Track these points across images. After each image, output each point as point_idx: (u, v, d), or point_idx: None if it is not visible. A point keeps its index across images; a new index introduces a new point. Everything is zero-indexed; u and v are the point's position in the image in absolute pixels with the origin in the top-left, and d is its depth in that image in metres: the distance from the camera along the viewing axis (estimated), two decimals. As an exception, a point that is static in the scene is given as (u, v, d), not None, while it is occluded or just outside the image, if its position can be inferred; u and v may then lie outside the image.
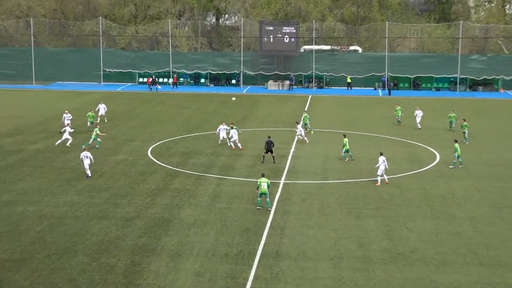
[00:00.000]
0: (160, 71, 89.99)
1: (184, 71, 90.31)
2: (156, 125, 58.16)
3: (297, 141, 50.95)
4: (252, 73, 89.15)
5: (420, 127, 57.27)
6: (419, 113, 57.76)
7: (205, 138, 52.23)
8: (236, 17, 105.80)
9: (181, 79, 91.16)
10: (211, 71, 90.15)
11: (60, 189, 36.97)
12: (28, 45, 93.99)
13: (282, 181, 39.17)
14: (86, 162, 39.23)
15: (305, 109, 66.58)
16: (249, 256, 27.03)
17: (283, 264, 26.27)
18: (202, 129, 56.08)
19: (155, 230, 30.20)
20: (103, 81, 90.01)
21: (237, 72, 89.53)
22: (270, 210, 33.16)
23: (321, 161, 44.37)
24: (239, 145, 47.73)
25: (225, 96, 79.70)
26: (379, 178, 38.47)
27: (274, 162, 43.43)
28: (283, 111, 68.09)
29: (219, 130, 49.61)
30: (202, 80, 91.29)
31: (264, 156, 43.75)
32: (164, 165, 43.20)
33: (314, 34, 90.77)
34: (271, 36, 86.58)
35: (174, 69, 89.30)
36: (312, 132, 54.47)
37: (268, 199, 33.63)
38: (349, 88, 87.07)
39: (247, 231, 30.18)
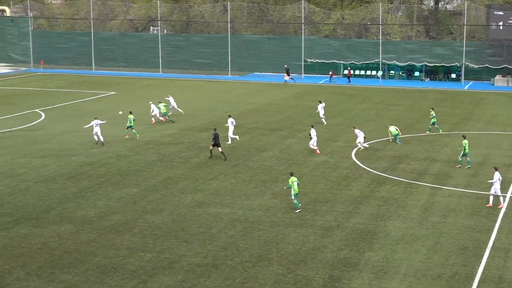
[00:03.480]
0: (368, 62, 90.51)
1: (396, 62, 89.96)
2: (361, 124, 58.45)
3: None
4: (476, 67, 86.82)
5: None
6: None
7: (417, 141, 51.79)
8: (458, 0, 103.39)
9: (392, 72, 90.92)
10: (427, 64, 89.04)
11: (255, 191, 38.61)
12: (224, 32, 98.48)
13: (509, 194, 37.93)
14: (96, 130, 47.77)
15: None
16: (466, 280, 26.61)
17: (507, 292, 25.62)
18: (414, 130, 55.61)
19: (357, 242, 30.61)
20: (304, 73, 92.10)
21: (458, 65, 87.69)
22: (299, 212, 34.54)
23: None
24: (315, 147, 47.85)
25: (442, 93, 78.35)
26: (491, 198, 35.95)
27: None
28: (513, 111, 65.83)
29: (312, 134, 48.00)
30: (416, 74, 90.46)
31: (211, 150, 45.92)
32: (369, 169, 43.52)
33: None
34: (501, 22, 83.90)
35: (384, 60, 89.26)
36: (440, 131, 53.13)
37: (296, 200, 34.71)
38: None
39: (465, 250, 29.69)
